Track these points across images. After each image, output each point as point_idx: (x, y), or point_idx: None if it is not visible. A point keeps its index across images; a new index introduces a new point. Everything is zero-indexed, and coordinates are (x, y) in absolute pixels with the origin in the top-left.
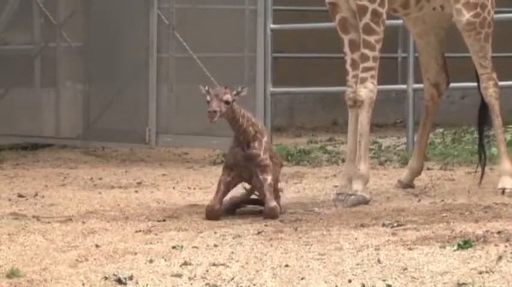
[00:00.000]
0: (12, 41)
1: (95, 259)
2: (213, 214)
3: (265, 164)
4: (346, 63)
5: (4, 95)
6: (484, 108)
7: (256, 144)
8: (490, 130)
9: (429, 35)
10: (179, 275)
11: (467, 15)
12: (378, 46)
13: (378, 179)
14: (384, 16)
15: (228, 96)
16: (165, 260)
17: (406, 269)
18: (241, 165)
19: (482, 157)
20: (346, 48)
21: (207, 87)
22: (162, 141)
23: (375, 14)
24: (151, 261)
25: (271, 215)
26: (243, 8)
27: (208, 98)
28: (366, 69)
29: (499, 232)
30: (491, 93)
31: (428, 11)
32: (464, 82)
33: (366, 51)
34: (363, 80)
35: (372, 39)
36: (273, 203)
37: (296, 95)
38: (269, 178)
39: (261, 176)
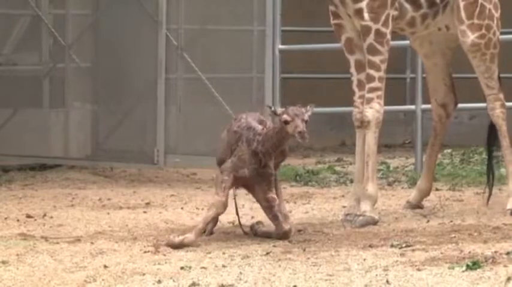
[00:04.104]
0: (21, 62)
1: (103, 280)
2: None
3: (275, 180)
4: (352, 83)
5: (13, 115)
6: (492, 129)
7: (271, 163)
8: (499, 151)
9: (436, 55)
10: None
11: (472, 37)
12: (383, 66)
13: (387, 199)
14: (388, 36)
15: (307, 116)
16: (174, 280)
17: None
18: (252, 181)
19: (491, 177)
20: (352, 69)
21: (273, 108)
22: (171, 161)
23: (379, 34)
24: (159, 282)
25: (285, 238)
26: (251, 29)
27: (287, 117)
28: (371, 90)
29: (507, 253)
30: (498, 114)
31: (434, 30)
32: (472, 103)
33: (372, 72)
34: (369, 101)
35: (376, 59)
36: (288, 226)
37: None
38: (276, 197)
39: (269, 195)
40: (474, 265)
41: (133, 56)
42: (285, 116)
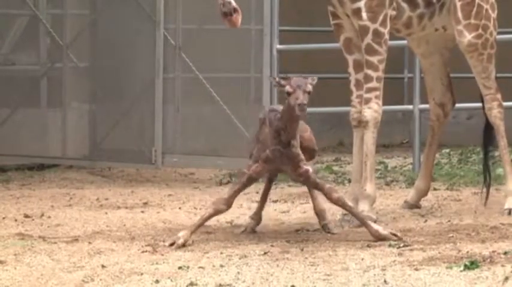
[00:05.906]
0: (19, 62)
1: (101, 280)
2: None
3: (302, 158)
4: (350, 83)
5: (10, 115)
6: (488, 129)
7: (295, 142)
8: (496, 151)
9: (433, 55)
10: None
11: (468, 37)
12: (381, 66)
13: (385, 199)
14: (387, 36)
15: (310, 87)
16: (171, 280)
17: None
18: (277, 163)
19: (487, 177)
20: (351, 69)
21: (277, 79)
22: (168, 161)
23: (377, 34)
24: (157, 281)
25: (340, 204)
26: (249, 28)
27: (289, 88)
28: (369, 90)
29: (505, 253)
30: (495, 114)
31: (431, 31)
32: (470, 103)
33: (369, 72)
34: (367, 101)
35: (374, 59)
36: (338, 194)
37: None
38: (309, 168)
39: (300, 171)
40: (472, 264)
41: (131, 56)
42: (288, 87)
